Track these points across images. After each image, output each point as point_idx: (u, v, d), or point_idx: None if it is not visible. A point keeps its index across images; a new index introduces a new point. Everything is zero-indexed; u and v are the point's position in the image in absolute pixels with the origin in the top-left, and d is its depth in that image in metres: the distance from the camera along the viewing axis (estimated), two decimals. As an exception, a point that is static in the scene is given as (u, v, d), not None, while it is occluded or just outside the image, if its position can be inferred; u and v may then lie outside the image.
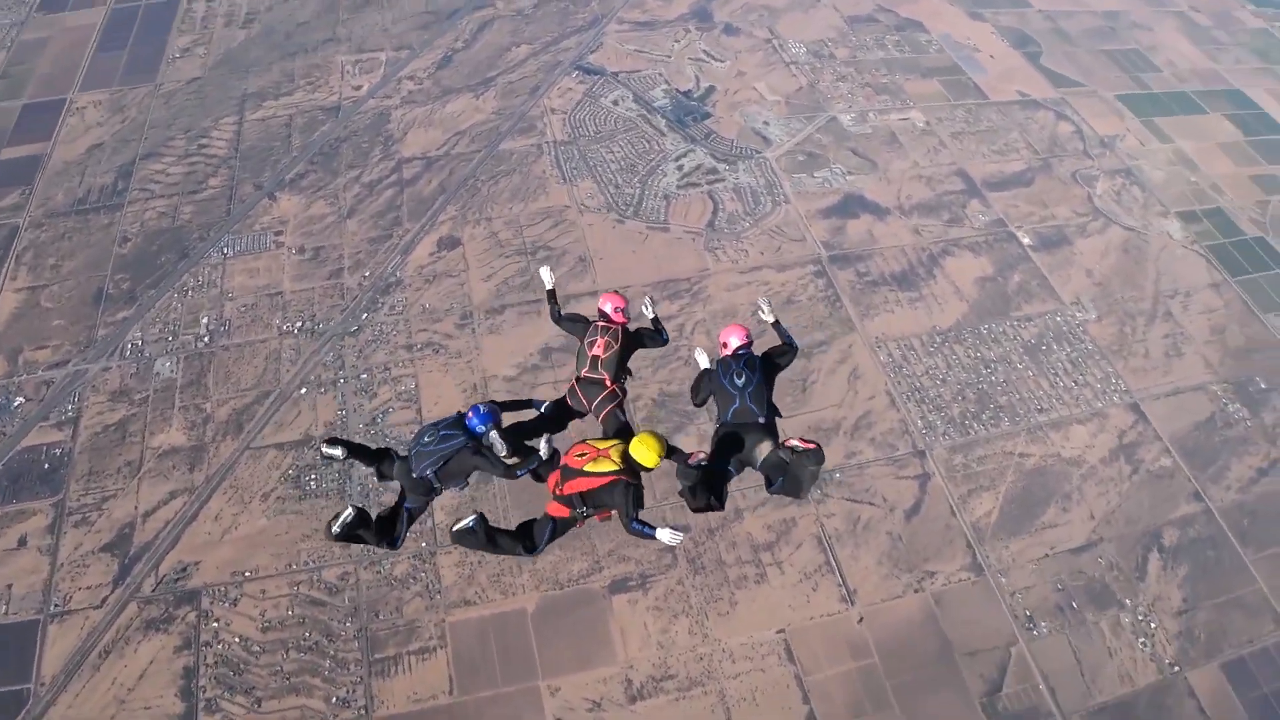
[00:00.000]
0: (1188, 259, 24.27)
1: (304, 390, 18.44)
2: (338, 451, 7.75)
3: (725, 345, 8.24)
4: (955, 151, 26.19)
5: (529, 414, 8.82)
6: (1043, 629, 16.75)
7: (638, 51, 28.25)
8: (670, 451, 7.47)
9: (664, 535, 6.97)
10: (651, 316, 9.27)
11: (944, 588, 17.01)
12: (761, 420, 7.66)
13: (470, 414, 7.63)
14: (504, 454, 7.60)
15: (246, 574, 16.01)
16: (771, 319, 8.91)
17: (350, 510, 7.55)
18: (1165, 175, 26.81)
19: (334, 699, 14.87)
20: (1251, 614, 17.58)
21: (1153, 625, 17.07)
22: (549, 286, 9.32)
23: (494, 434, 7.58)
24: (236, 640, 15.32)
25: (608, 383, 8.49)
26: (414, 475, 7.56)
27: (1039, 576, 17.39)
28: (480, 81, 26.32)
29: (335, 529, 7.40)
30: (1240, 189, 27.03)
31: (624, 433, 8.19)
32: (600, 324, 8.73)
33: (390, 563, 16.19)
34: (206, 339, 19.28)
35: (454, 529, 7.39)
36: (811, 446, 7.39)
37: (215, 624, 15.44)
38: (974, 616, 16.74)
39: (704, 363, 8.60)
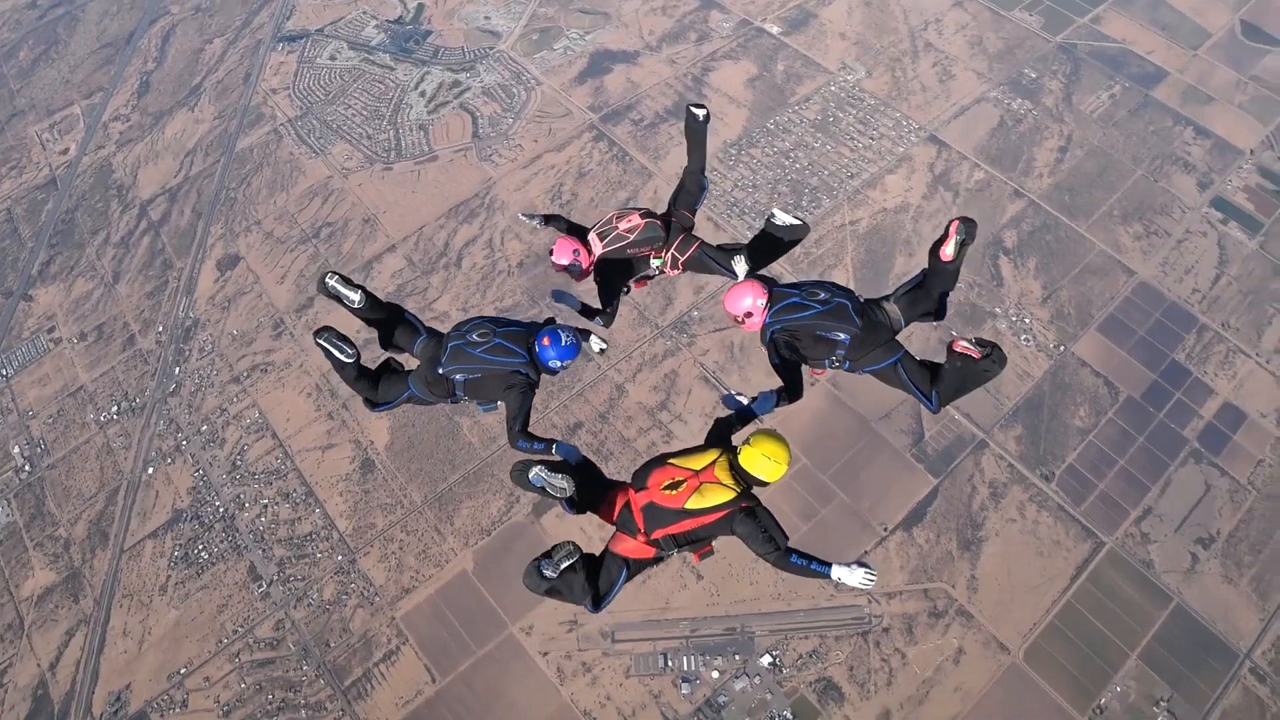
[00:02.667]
0: (924, -13, 24.91)
1: (151, 470, 17.21)
2: (335, 285, 5.65)
3: (750, 315, 5.90)
4: (677, -27, 25.89)
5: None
6: (935, 367, 17.42)
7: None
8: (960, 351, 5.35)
9: (851, 578, 4.82)
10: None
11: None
12: (861, 299, 5.70)
13: (548, 339, 5.57)
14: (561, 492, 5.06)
15: (182, 671, 15.14)
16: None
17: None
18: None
19: (324, 740, 14.45)
20: (1103, 274, 18.75)
21: (1027, 320, 18.00)
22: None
23: (547, 475, 4.98)
24: (203, 737, 14.59)
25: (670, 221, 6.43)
26: (439, 370, 5.64)
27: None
28: (188, 93, 24.37)
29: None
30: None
31: (732, 251, 6.39)
32: (598, 255, 6.45)
33: (317, 589, 15.55)
34: (27, 467, 17.69)
35: (546, 565, 4.76)
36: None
37: (176, 733, 14.67)
38: (871, 383, 17.22)
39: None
